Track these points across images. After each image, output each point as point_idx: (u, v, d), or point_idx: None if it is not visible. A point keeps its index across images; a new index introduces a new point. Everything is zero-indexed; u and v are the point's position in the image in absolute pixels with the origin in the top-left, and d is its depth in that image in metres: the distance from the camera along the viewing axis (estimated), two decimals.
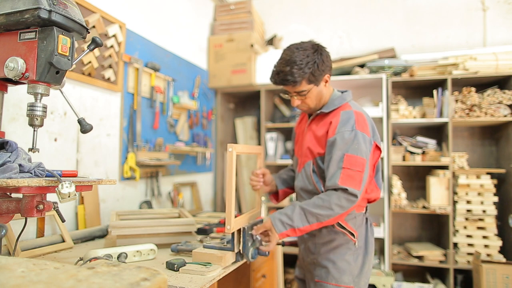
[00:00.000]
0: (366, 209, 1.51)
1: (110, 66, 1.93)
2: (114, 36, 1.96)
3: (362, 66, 2.97)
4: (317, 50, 1.39)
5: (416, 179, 3.07)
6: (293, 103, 1.46)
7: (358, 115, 1.38)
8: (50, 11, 0.96)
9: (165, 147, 2.42)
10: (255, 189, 1.63)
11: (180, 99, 2.59)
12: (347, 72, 3.01)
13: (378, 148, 1.43)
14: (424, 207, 2.70)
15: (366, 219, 1.49)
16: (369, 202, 1.51)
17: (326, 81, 1.44)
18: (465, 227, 2.63)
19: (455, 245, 2.65)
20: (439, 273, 2.88)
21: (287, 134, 3.42)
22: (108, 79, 1.92)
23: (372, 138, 1.39)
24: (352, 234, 1.42)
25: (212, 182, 3.23)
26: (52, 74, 1.03)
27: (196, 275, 1.15)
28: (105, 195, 1.93)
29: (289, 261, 3.13)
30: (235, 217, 1.43)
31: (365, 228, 1.48)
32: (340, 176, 1.30)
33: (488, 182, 2.61)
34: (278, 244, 1.73)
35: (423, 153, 2.80)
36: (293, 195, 2.05)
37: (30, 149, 1.06)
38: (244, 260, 1.34)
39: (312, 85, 1.40)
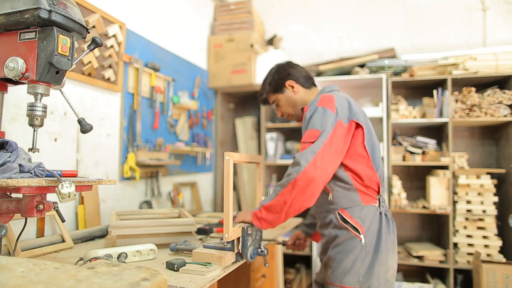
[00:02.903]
0: (380, 202, 1.39)
1: (110, 66, 1.93)
2: (114, 36, 1.96)
3: (362, 66, 2.97)
4: (275, 65, 1.64)
5: (416, 179, 3.07)
6: (278, 116, 1.67)
7: (324, 97, 1.38)
8: (50, 11, 0.96)
9: (165, 147, 2.42)
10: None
11: (180, 99, 2.59)
12: (347, 72, 3.01)
13: (359, 125, 1.36)
14: (424, 207, 2.70)
15: (381, 213, 1.37)
16: (377, 192, 1.40)
17: (292, 86, 1.57)
18: (465, 227, 2.63)
19: (455, 245, 2.65)
20: (439, 273, 2.88)
21: (287, 134, 3.42)
22: (108, 79, 1.92)
23: (344, 115, 1.34)
24: (357, 230, 1.33)
25: (212, 182, 3.23)
26: (52, 74, 1.02)
27: (196, 275, 1.15)
28: (105, 195, 1.93)
29: (289, 261, 3.13)
30: (235, 217, 1.43)
31: (378, 223, 1.35)
32: (299, 150, 1.34)
33: (488, 182, 2.61)
34: (278, 244, 1.74)
35: (423, 153, 2.80)
36: None
37: (30, 149, 1.06)
38: (244, 260, 1.34)
39: (277, 94, 1.60)
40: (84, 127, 1.15)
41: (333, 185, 1.39)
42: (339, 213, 1.37)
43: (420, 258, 2.74)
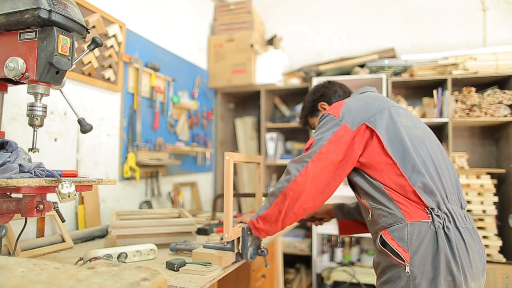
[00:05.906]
0: (433, 216, 1.05)
1: (110, 66, 1.93)
2: (114, 36, 1.96)
3: (362, 66, 2.97)
4: (314, 86, 1.58)
5: None
6: None
7: (334, 104, 1.29)
8: (50, 11, 0.96)
9: (165, 147, 2.42)
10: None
11: (180, 99, 2.59)
12: (347, 72, 3.01)
13: (368, 128, 1.15)
14: None
15: (437, 232, 1.04)
16: (425, 205, 1.07)
17: (324, 108, 1.51)
18: None
19: None
20: None
21: (287, 134, 3.42)
22: (108, 79, 1.92)
23: (353, 118, 1.17)
24: (398, 255, 1.05)
25: (212, 182, 3.23)
26: (52, 74, 1.03)
27: (196, 275, 1.15)
28: (105, 195, 1.93)
29: (289, 261, 3.13)
30: (235, 217, 1.43)
31: (433, 246, 1.03)
32: None
33: (488, 182, 2.61)
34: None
35: None
36: None
37: (30, 149, 1.06)
38: (244, 260, 1.34)
39: (313, 117, 1.57)
40: (84, 127, 1.15)
41: (370, 201, 1.17)
42: (381, 235, 1.13)
43: None
